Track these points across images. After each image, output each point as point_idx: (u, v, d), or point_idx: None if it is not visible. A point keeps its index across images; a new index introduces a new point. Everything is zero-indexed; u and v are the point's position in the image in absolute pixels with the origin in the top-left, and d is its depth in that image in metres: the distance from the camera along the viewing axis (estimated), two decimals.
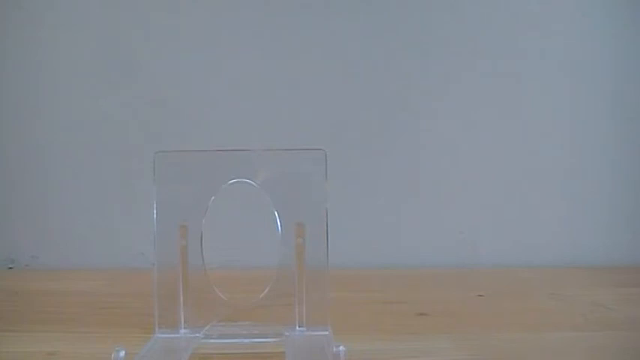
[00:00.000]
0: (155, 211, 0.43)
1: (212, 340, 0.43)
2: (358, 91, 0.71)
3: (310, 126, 0.70)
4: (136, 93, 0.70)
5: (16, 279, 0.66)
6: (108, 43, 0.70)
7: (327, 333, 0.43)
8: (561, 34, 0.71)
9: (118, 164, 0.70)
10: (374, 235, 0.71)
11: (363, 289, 0.61)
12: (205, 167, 0.44)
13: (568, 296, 0.57)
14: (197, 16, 0.70)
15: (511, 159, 0.72)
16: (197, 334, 0.43)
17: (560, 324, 0.50)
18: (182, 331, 0.43)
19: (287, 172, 0.44)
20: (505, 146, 0.72)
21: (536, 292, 0.59)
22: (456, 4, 0.71)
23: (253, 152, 0.44)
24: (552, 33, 0.71)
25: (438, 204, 0.72)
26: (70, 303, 0.55)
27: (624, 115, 0.72)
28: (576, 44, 0.71)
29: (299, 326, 0.43)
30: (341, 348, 0.37)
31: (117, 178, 0.70)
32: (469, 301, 0.56)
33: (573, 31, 0.71)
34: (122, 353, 0.36)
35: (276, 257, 0.43)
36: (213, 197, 0.43)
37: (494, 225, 0.72)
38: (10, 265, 0.71)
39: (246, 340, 0.42)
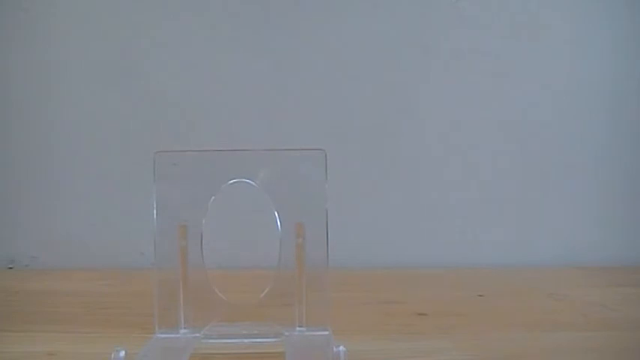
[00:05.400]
0: (155, 211, 0.43)
1: (212, 340, 0.42)
2: (358, 91, 0.71)
3: (310, 126, 0.70)
4: (136, 93, 0.70)
5: (16, 279, 0.66)
6: (108, 43, 0.70)
7: (327, 333, 0.43)
8: (561, 34, 0.71)
9: (118, 164, 0.70)
10: (374, 235, 0.71)
11: (363, 289, 0.61)
12: (205, 167, 0.44)
13: (568, 296, 0.57)
14: (197, 16, 0.70)
15: (511, 159, 0.72)
16: (197, 334, 0.43)
17: (560, 324, 0.50)
18: (182, 331, 0.43)
19: (287, 172, 0.44)
20: (505, 146, 0.72)
21: (536, 292, 0.59)
22: (457, 4, 0.71)
23: (253, 152, 0.44)
24: (552, 33, 0.71)
25: (438, 204, 0.72)
26: (70, 303, 0.55)
27: (624, 114, 0.72)
28: (576, 44, 0.71)
29: (299, 326, 0.43)
30: (341, 348, 0.37)
31: (117, 178, 0.70)
32: (469, 301, 0.56)
33: (573, 31, 0.71)
34: (122, 353, 0.36)
35: (276, 257, 0.43)
36: (213, 197, 0.43)
37: (495, 225, 0.72)
38: (10, 265, 0.71)
39: (246, 340, 0.42)
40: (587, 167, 0.72)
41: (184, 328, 0.43)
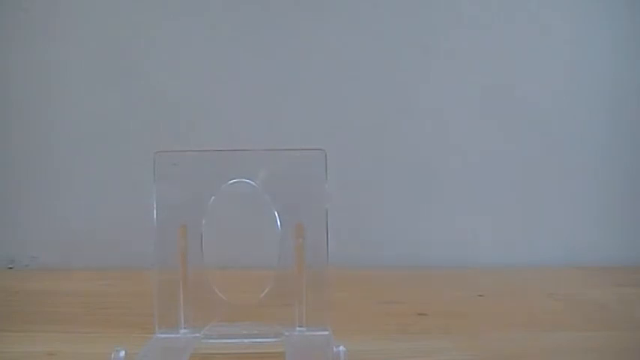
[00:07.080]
0: (155, 211, 0.43)
1: (212, 340, 0.42)
2: (358, 91, 0.71)
3: (310, 126, 0.70)
4: (136, 93, 0.70)
5: (16, 279, 0.66)
6: (109, 43, 0.70)
7: (327, 333, 0.43)
8: (561, 34, 0.71)
9: (118, 164, 0.70)
10: (374, 235, 0.71)
11: (363, 289, 0.61)
12: (205, 167, 0.44)
13: (568, 296, 0.57)
14: (197, 16, 0.70)
15: (511, 159, 0.72)
16: (197, 334, 0.43)
17: (560, 324, 0.50)
18: (182, 331, 0.43)
19: (287, 172, 0.44)
20: (504, 146, 0.72)
21: (536, 292, 0.59)
22: (456, 4, 0.71)
23: (253, 152, 0.44)
24: (552, 33, 0.71)
25: (438, 204, 0.72)
26: (70, 303, 0.55)
27: (624, 114, 0.72)
28: (576, 44, 0.71)
29: (299, 326, 0.43)
30: (341, 348, 0.37)
31: (117, 178, 0.70)
32: (469, 301, 0.56)
33: (573, 31, 0.71)
34: (122, 353, 0.36)
35: (276, 257, 0.43)
36: (213, 197, 0.43)
37: (494, 225, 0.72)
38: (10, 265, 0.71)
39: (246, 340, 0.42)
40: (587, 167, 0.72)
41: (184, 328, 0.43)
